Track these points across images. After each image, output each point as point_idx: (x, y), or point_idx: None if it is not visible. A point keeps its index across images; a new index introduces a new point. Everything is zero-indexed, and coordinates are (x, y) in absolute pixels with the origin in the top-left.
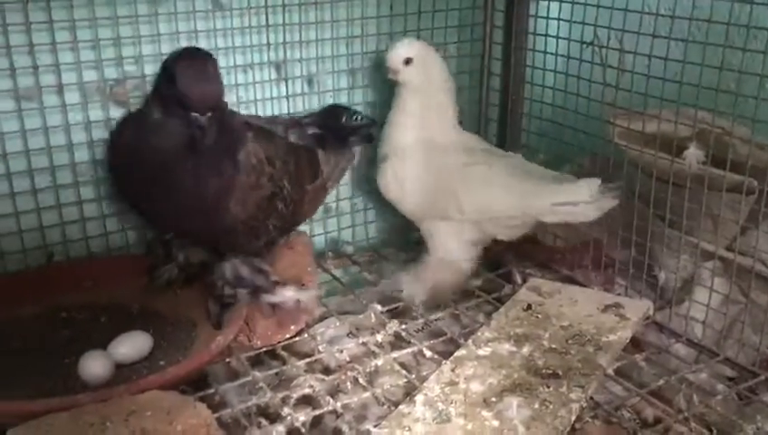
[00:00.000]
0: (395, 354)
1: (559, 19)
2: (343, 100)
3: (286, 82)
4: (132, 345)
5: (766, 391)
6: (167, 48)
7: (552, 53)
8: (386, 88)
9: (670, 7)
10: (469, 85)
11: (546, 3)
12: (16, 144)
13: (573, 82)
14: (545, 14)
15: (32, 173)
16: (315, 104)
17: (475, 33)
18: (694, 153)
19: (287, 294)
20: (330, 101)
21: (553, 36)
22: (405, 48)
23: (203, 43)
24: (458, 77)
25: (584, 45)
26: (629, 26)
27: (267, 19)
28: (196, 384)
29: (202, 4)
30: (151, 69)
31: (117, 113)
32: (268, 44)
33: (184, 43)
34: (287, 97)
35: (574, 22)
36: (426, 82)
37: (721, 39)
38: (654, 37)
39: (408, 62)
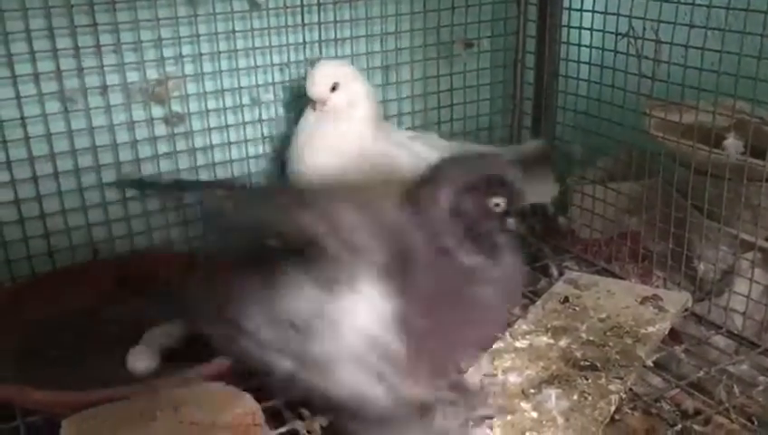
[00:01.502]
0: None
1: (593, 11)
2: (378, 96)
3: None
4: (167, 335)
5: None
6: (206, 48)
7: (586, 46)
8: (419, 84)
9: None
10: (503, 79)
11: None
12: (63, 144)
13: (608, 74)
14: (579, 7)
15: (78, 172)
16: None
17: (509, 26)
18: (733, 143)
19: None
20: None
21: (587, 29)
22: (329, 73)
23: (240, 44)
24: (492, 71)
25: (619, 37)
26: (665, 17)
27: (303, 18)
28: (240, 376)
29: (239, 4)
30: (191, 69)
31: (158, 113)
32: (304, 43)
33: (222, 44)
34: None
35: (609, 13)
36: (353, 102)
37: (759, 28)
38: (691, 27)
39: (334, 87)
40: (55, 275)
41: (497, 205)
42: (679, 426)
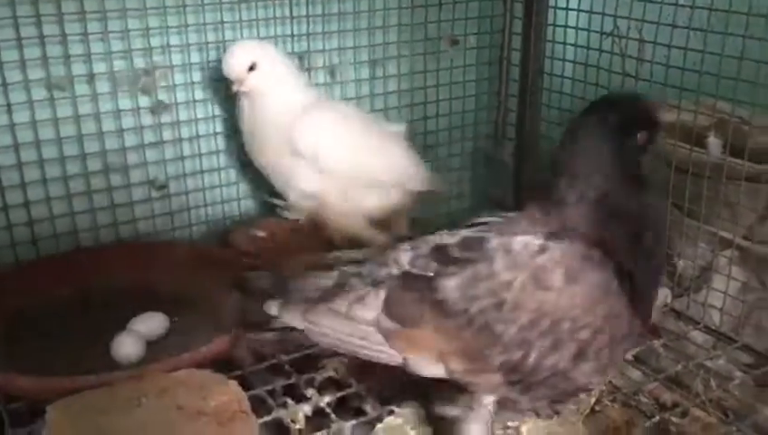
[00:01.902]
0: None
1: (578, 10)
2: (364, 91)
3: (309, 72)
4: (149, 324)
5: None
6: (194, 38)
7: (571, 44)
8: (406, 79)
9: None
10: (488, 76)
11: None
12: (48, 132)
13: (593, 73)
14: (565, 5)
15: (63, 160)
16: (337, 95)
17: (495, 24)
18: (713, 143)
19: None
20: (351, 92)
21: (573, 27)
22: (245, 54)
23: (229, 35)
24: (478, 68)
25: (604, 36)
26: (649, 16)
27: (291, 11)
28: (222, 366)
29: None
30: (179, 59)
31: (144, 102)
32: (292, 35)
33: (210, 35)
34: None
35: (594, 12)
36: (274, 83)
37: (741, 29)
38: (674, 27)
39: (252, 68)
40: (39, 264)
41: (642, 137)
42: (657, 418)
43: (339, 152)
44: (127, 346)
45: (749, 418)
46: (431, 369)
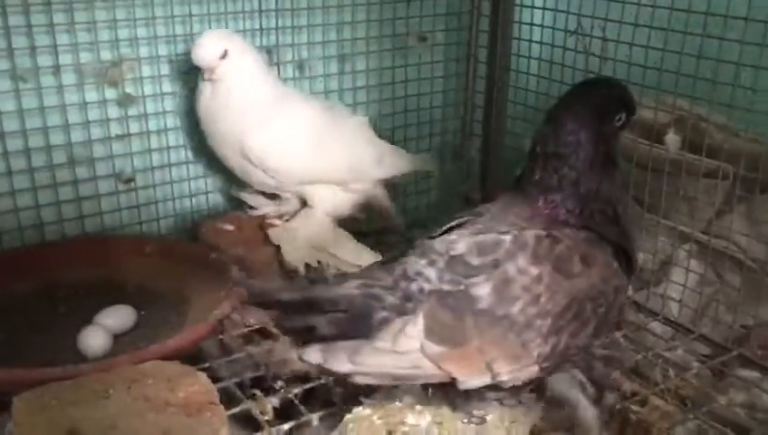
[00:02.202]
0: None
1: (544, 8)
2: (333, 85)
3: (278, 66)
4: (116, 318)
5: (738, 366)
6: (162, 31)
7: (536, 42)
8: (374, 75)
9: None
10: (456, 72)
11: None
12: (13, 124)
13: (557, 70)
14: (530, 4)
15: (29, 152)
16: (306, 89)
17: (462, 21)
18: (672, 139)
19: None
20: (320, 86)
21: (538, 25)
22: (217, 41)
23: (197, 27)
24: (445, 65)
25: (568, 34)
26: (612, 15)
27: (260, 4)
28: (190, 359)
29: None
30: (146, 51)
31: (111, 94)
32: (261, 29)
33: (179, 27)
34: None
35: (558, 11)
36: (243, 73)
37: (699, 28)
38: (635, 26)
39: (224, 55)
40: (3, 257)
41: (619, 120)
42: (618, 406)
43: (289, 165)
44: (94, 339)
45: (706, 406)
46: (479, 380)
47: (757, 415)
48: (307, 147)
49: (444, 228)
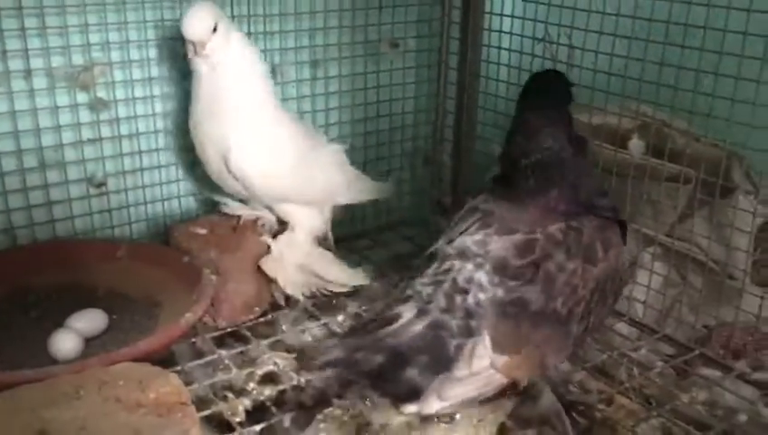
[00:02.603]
0: None
1: (512, 16)
2: (305, 91)
3: None
4: (87, 321)
5: (701, 365)
6: (134, 36)
7: (506, 49)
8: (347, 81)
9: (615, 6)
10: (427, 78)
11: (500, 1)
12: None
13: (526, 76)
14: (500, 11)
15: None
16: (279, 94)
17: (433, 28)
18: (636, 144)
19: None
20: (292, 91)
21: (507, 32)
22: (209, 13)
23: (169, 32)
24: (417, 71)
25: (536, 41)
26: (578, 24)
27: (232, 10)
28: (162, 363)
29: None
30: (117, 56)
31: (83, 99)
32: None
33: (151, 32)
34: None
35: (526, 19)
36: (234, 47)
37: (661, 36)
38: (600, 34)
39: (215, 28)
40: None
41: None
42: (583, 406)
43: (270, 183)
44: (65, 342)
45: (669, 404)
46: (534, 377)
47: (718, 412)
48: (290, 170)
49: (461, 227)
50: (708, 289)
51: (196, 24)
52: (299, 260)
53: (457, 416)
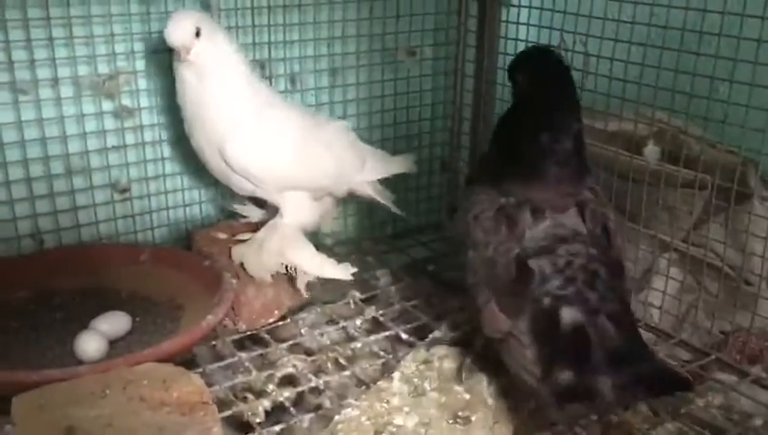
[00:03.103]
0: (372, 338)
1: (528, 24)
2: (324, 99)
3: (270, 79)
4: (111, 323)
5: (717, 370)
6: (159, 45)
7: None
8: (364, 88)
9: (630, 14)
10: (444, 86)
11: (516, 9)
12: (12, 135)
13: None
14: (515, 20)
15: (26, 162)
16: (298, 102)
17: (450, 36)
18: (652, 150)
19: None
20: (311, 99)
21: (523, 40)
22: (190, 18)
23: None
24: (434, 78)
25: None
26: (593, 31)
27: (253, 20)
28: (184, 365)
29: (191, 4)
30: (142, 65)
31: (108, 107)
32: (254, 44)
33: None
34: None
35: (542, 27)
36: (220, 51)
37: (676, 43)
38: (615, 41)
39: (197, 33)
40: (2, 264)
41: None
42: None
43: (274, 171)
44: (90, 344)
45: (684, 408)
46: None
47: (733, 417)
48: (293, 152)
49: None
50: (724, 295)
51: (179, 30)
52: (273, 244)
53: (473, 417)
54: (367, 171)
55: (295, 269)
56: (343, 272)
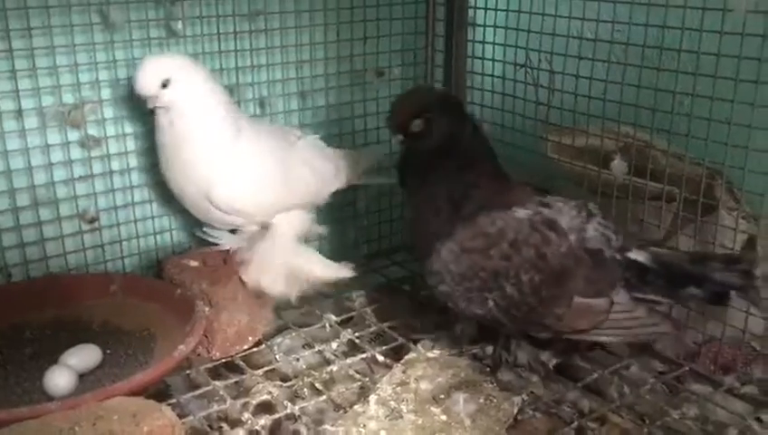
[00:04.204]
0: (349, 361)
1: (494, 43)
2: (294, 121)
3: (239, 104)
4: (82, 357)
5: (691, 381)
6: (123, 74)
7: (489, 75)
8: (334, 109)
9: (593, 32)
10: None
11: (483, 28)
12: None
13: (510, 101)
14: (482, 39)
15: None
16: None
17: (418, 56)
18: (619, 164)
19: None
20: (281, 122)
21: (490, 59)
22: (157, 69)
23: None
24: None
25: (518, 67)
26: (557, 49)
27: (220, 45)
28: (157, 395)
29: (156, 32)
30: (108, 94)
31: (74, 136)
32: (221, 69)
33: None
34: None
35: (508, 45)
36: (194, 98)
37: (638, 60)
38: (579, 59)
39: (165, 84)
40: None
41: None
42: (576, 423)
43: (260, 201)
44: (60, 379)
45: (660, 420)
46: None
47: (709, 428)
48: (275, 179)
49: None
50: (696, 305)
51: (143, 81)
52: (281, 259)
53: None
54: (342, 176)
55: (293, 278)
56: (346, 271)
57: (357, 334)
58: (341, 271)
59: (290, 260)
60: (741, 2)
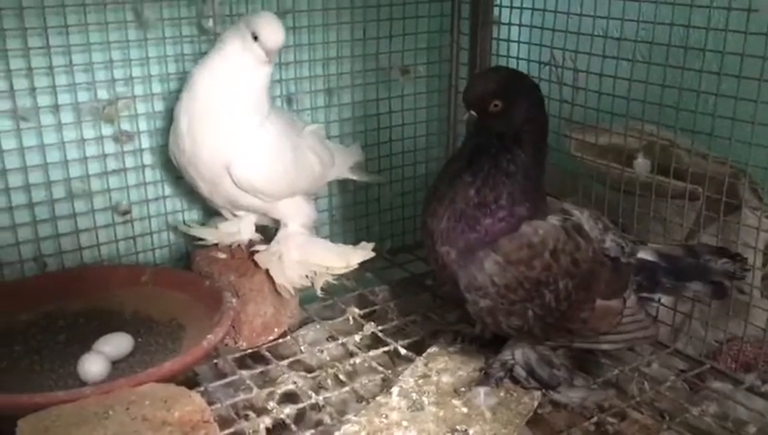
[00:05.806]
0: (372, 353)
1: (519, 42)
2: (320, 118)
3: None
4: (114, 345)
5: (712, 379)
6: (155, 70)
7: None
8: (360, 107)
9: (618, 31)
10: (438, 103)
11: (507, 27)
12: (14, 161)
13: None
14: (506, 37)
15: (29, 188)
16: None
17: (443, 54)
18: (642, 163)
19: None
20: (307, 119)
21: (514, 57)
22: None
23: (189, 66)
24: (428, 96)
25: (542, 65)
26: (582, 48)
27: None
28: (186, 383)
29: (188, 29)
30: (140, 90)
31: (108, 131)
32: None
33: (171, 66)
34: None
35: (533, 44)
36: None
37: (662, 59)
38: (604, 57)
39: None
40: (4, 288)
41: None
42: (595, 418)
43: (274, 182)
44: (93, 365)
45: (679, 417)
46: None
47: (728, 425)
48: (290, 161)
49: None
50: (718, 304)
51: (281, 33)
52: (297, 257)
53: (471, 431)
54: (337, 168)
55: (315, 273)
56: (366, 253)
57: (380, 328)
58: (363, 254)
59: (306, 254)
60: (766, 2)
